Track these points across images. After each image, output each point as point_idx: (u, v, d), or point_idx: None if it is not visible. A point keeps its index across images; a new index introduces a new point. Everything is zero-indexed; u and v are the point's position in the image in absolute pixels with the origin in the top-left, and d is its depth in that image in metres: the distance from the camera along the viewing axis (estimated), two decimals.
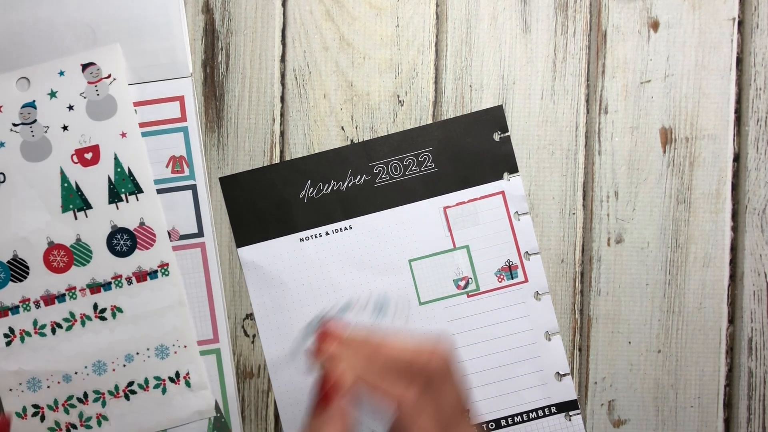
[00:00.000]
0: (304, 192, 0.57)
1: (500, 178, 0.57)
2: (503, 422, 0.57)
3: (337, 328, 0.44)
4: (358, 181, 0.57)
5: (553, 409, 0.57)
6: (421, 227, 0.57)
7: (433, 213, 0.57)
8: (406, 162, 0.57)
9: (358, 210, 0.57)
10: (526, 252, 0.57)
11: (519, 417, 0.57)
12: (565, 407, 0.57)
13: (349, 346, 0.42)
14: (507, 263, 0.57)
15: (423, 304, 0.57)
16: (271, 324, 0.57)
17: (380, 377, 0.42)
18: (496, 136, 0.57)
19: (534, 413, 0.57)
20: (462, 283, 0.57)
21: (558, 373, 0.57)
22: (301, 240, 0.57)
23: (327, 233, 0.57)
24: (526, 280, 0.57)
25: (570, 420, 0.57)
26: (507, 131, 0.57)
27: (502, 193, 0.57)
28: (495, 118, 0.57)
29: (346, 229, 0.57)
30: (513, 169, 0.57)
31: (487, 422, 0.57)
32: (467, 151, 0.57)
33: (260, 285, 0.57)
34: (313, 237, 0.57)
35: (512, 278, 0.57)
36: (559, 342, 0.57)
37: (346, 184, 0.57)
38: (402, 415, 0.41)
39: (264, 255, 0.57)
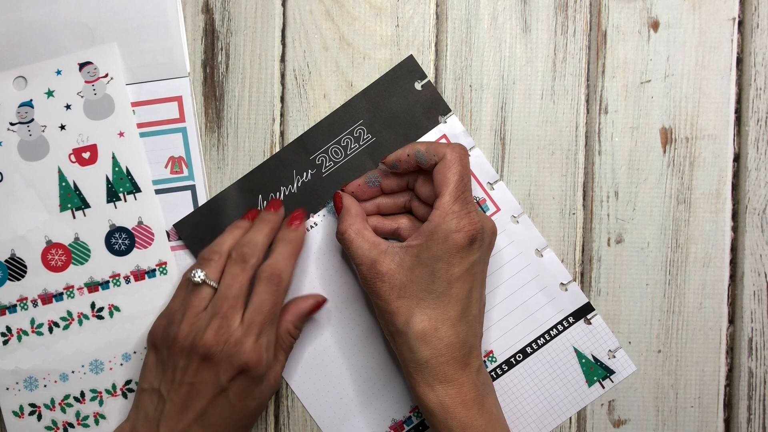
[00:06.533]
0: (260, 208, 0.56)
1: (437, 122, 0.57)
2: (528, 350, 0.56)
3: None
4: (306, 178, 0.56)
5: (571, 320, 0.56)
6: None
7: None
8: (343, 142, 0.56)
9: (317, 205, 0.57)
10: (488, 182, 0.57)
11: (541, 339, 0.56)
12: (581, 313, 0.56)
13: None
14: (475, 200, 0.56)
15: None
16: None
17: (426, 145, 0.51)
18: (418, 85, 0.57)
19: (554, 330, 0.56)
20: None
21: (561, 283, 0.56)
22: None
23: None
24: (498, 209, 0.57)
25: (591, 323, 0.56)
26: (426, 77, 0.57)
27: (444, 136, 0.57)
28: (411, 68, 0.57)
29: (313, 227, 0.57)
30: (445, 110, 0.57)
31: (513, 355, 0.56)
32: (396, 109, 0.57)
33: None
34: None
35: (485, 212, 0.56)
36: (552, 255, 0.56)
37: (296, 185, 0.56)
38: (448, 158, 0.50)
39: None
